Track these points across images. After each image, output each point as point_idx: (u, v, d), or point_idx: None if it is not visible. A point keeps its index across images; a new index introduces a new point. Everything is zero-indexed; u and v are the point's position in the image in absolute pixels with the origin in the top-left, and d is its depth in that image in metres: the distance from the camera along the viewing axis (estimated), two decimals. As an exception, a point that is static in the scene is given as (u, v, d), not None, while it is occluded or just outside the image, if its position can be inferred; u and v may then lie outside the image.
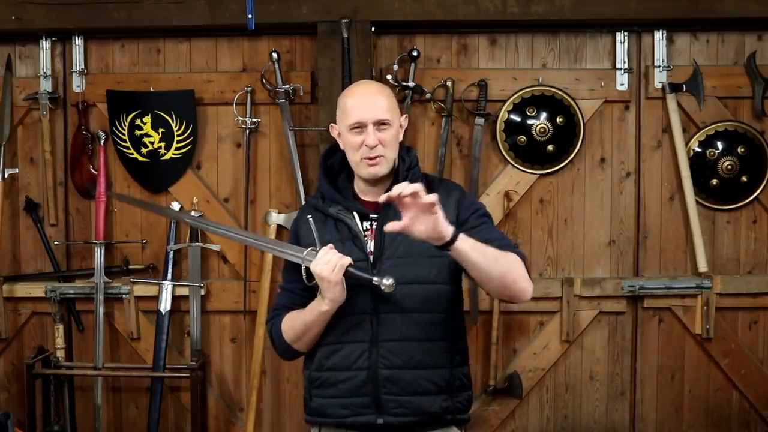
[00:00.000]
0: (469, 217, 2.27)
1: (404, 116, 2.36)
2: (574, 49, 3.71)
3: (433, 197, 1.96)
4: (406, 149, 2.38)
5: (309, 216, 2.25)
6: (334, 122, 2.36)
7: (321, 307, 2.19)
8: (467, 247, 2.04)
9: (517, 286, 2.20)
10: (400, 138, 2.32)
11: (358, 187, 2.35)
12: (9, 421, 3.40)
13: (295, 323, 2.28)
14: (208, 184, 3.78)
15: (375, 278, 2.12)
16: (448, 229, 2.00)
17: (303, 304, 2.28)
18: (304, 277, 2.22)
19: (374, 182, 2.29)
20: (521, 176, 3.70)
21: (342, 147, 2.33)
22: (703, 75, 3.63)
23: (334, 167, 2.39)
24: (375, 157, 2.24)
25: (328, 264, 2.13)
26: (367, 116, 2.24)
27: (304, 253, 2.21)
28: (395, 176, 2.31)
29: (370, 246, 2.25)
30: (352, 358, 2.22)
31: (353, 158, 2.28)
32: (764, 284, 3.69)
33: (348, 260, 2.14)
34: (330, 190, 2.34)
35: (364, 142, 2.23)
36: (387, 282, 2.09)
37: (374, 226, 2.27)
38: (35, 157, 3.81)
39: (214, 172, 3.80)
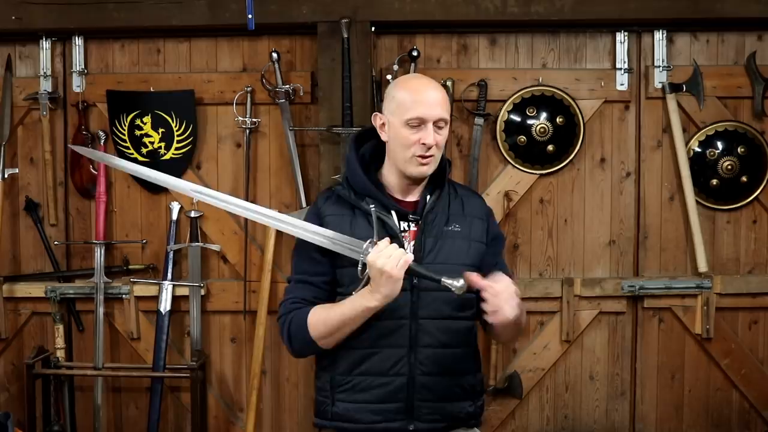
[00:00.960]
0: (493, 242, 2.33)
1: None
2: (574, 49, 3.71)
3: (502, 283, 2.07)
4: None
5: (372, 206, 2.17)
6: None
7: (369, 302, 2.08)
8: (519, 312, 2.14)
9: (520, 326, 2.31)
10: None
11: (390, 182, 2.28)
12: (9, 421, 3.40)
13: (330, 318, 2.15)
14: (208, 184, 3.78)
15: (445, 278, 2.04)
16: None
17: (327, 298, 2.21)
18: (359, 268, 2.10)
19: (418, 180, 2.27)
20: (521, 176, 3.70)
21: (384, 138, 2.25)
22: (703, 75, 3.63)
23: (365, 158, 2.31)
24: (428, 157, 2.19)
25: (390, 258, 2.03)
26: (429, 113, 2.17)
27: (364, 246, 2.10)
28: (435, 177, 2.30)
29: (409, 248, 2.19)
30: (389, 363, 2.17)
31: (402, 154, 2.20)
32: (764, 284, 3.69)
33: (411, 256, 2.06)
34: (366, 183, 2.25)
35: (422, 140, 2.17)
36: (458, 284, 2.03)
37: (412, 228, 2.23)
38: (35, 157, 3.81)
39: (214, 172, 3.80)
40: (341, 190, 2.27)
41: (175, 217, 3.75)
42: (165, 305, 3.70)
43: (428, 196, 2.27)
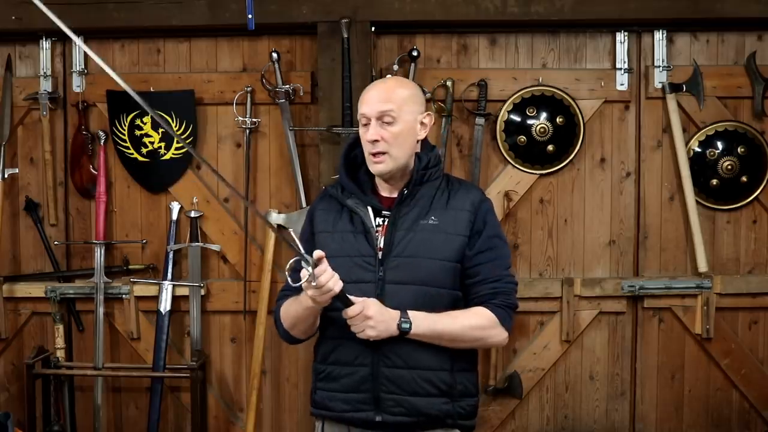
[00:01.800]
0: (481, 233, 2.25)
1: (426, 114, 2.31)
2: (574, 49, 3.71)
3: (353, 309, 2.09)
4: (428, 147, 2.34)
5: (290, 230, 2.17)
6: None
7: (307, 302, 2.16)
8: (424, 331, 2.16)
9: (486, 345, 2.36)
10: (420, 136, 2.29)
11: (377, 180, 2.33)
12: (9, 421, 3.40)
13: (290, 311, 2.29)
14: (208, 184, 3.78)
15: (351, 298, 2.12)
16: (393, 328, 2.13)
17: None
18: (295, 273, 2.10)
19: (388, 178, 2.28)
20: (521, 176, 3.70)
21: None
22: (703, 75, 3.63)
23: (358, 158, 2.35)
24: (377, 154, 2.22)
25: (319, 290, 2.06)
26: (368, 110, 2.23)
27: (306, 258, 2.04)
28: (412, 174, 2.28)
29: (380, 242, 2.23)
30: (354, 354, 2.21)
31: (365, 154, 2.27)
32: (764, 284, 3.69)
33: (340, 286, 2.07)
34: (348, 181, 2.32)
35: (366, 137, 2.23)
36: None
37: (386, 222, 2.26)
38: (35, 157, 3.81)
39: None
40: (332, 188, 2.37)
41: (175, 217, 3.75)
42: (165, 305, 3.70)
43: (405, 191, 2.27)
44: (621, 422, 3.77)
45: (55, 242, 3.79)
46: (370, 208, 2.27)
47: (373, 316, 2.11)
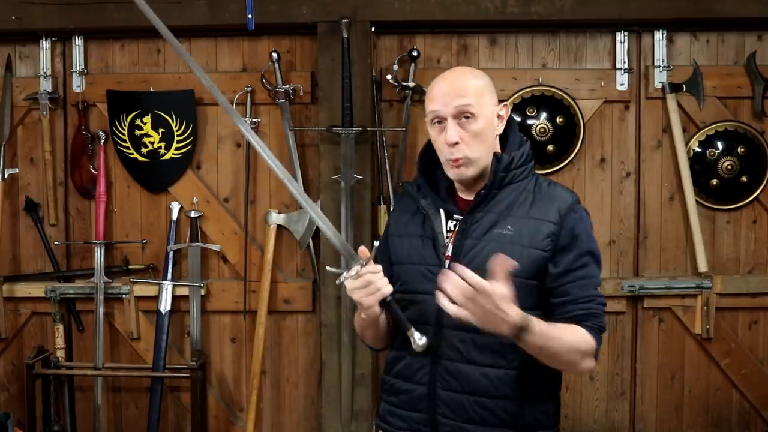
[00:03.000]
0: (568, 249, 1.95)
1: (503, 105, 2.06)
2: (574, 49, 3.71)
3: (482, 285, 1.71)
4: (516, 143, 2.07)
5: (376, 243, 1.99)
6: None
7: (360, 314, 2.00)
8: (535, 342, 1.83)
9: (574, 371, 2.00)
10: (498, 130, 2.03)
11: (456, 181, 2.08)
12: (9, 421, 3.40)
13: (357, 320, 2.11)
14: (208, 184, 3.79)
15: (412, 329, 1.88)
16: (508, 325, 1.77)
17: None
18: (337, 281, 1.97)
19: (468, 182, 2.02)
20: (521, 176, 3.70)
21: None
22: (703, 75, 3.63)
23: (437, 156, 2.08)
24: (458, 158, 1.96)
25: (362, 290, 1.90)
26: (443, 108, 1.96)
27: (353, 263, 1.91)
28: (497, 171, 2.01)
29: (449, 250, 2.00)
30: (413, 369, 2.03)
31: (440, 157, 2.02)
32: (764, 284, 3.69)
33: (389, 290, 1.90)
34: (423, 182, 2.09)
35: (445, 140, 1.96)
36: (420, 342, 1.86)
37: (456, 228, 2.01)
38: (35, 157, 3.81)
39: (214, 172, 3.80)
40: (409, 186, 2.14)
41: (175, 217, 3.75)
42: (165, 305, 3.70)
43: (481, 194, 2.01)
44: (621, 422, 3.77)
45: (55, 242, 3.79)
46: (442, 211, 2.04)
47: (507, 311, 1.75)
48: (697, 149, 3.68)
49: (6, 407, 3.73)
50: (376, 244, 2.12)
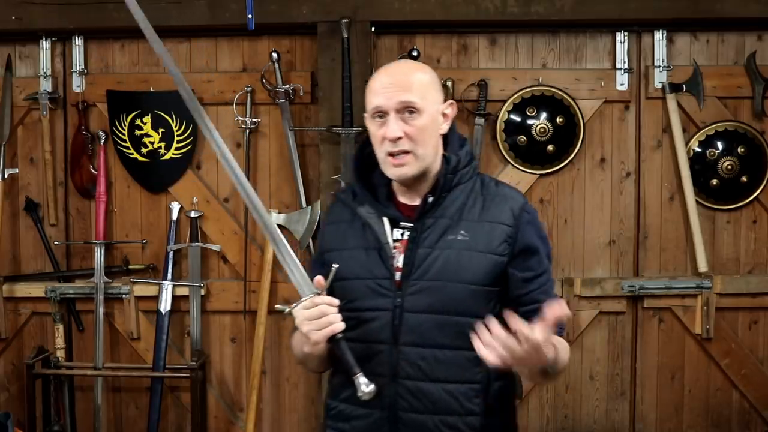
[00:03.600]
0: (529, 252, 1.88)
1: (449, 103, 1.95)
2: (574, 49, 3.71)
3: (536, 337, 1.61)
4: (458, 143, 1.96)
5: (335, 266, 1.80)
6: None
7: (303, 347, 1.84)
8: (557, 371, 1.80)
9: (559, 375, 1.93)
10: (444, 129, 1.92)
11: (395, 185, 1.93)
12: (9, 421, 3.40)
13: (296, 347, 1.95)
14: (208, 184, 3.78)
15: (359, 375, 1.76)
16: (542, 363, 1.68)
17: None
18: (286, 309, 1.84)
19: (408, 183, 1.89)
20: (521, 176, 3.70)
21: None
22: (703, 75, 3.63)
23: (372, 158, 1.93)
24: (398, 154, 1.83)
25: (312, 323, 1.76)
26: (386, 102, 1.82)
27: (305, 294, 1.80)
28: (439, 178, 1.89)
29: (399, 261, 1.85)
30: None
31: (378, 154, 1.87)
32: (764, 284, 3.69)
33: (340, 327, 1.76)
34: (360, 187, 1.94)
35: (385, 134, 1.82)
36: (367, 389, 1.75)
37: (406, 236, 1.86)
38: (35, 157, 3.81)
39: (214, 172, 3.80)
40: (342, 194, 2.01)
41: (175, 217, 3.75)
42: (165, 305, 3.70)
43: (430, 198, 1.88)
44: (621, 422, 3.77)
45: (55, 242, 3.79)
46: (386, 219, 1.88)
47: (547, 353, 1.66)
48: (697, 149, 3.68)
49: (6, 407, 3.73)
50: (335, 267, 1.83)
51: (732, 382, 3.73)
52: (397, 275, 1.84)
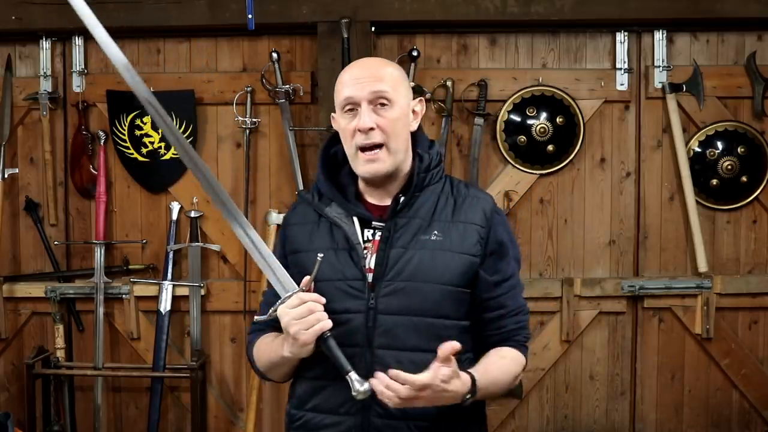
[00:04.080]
0: (499, 254, 1.87)
1: (418, 100, 1.91)
2: (574, 49, 3.71)
3: (422, 381, 1.63)
4: (426, 143, 1.92)
5: (320, 255, 1.75)
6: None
7: (284, 352, 1.77)
8: (483, 395, 1.77)
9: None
10: (413, 127, 1.87)
11: (361, 184, 1.89)
12: (9, 421, 3.40)
13: (263, 356, 1.89)
14: (208, 184, 3.78)
15: (352, 373, 1.69)
16: (456, 398, 1.70)
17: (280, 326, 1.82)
18: (270, 311, 1.78)
19: (379, 182, 1.85)
20: (521, 176, 3.70)
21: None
22: (703, 75, 3.63)
23: (338, 157, 1.93)
24: (372, 148, 1.79)
25: (300, 321, 1.70)
26: (358, 92, 1.79)
27: (289, 293, 1.75)
28: (410, 177, 1.86)
29: (370, 262, 1.81)
30: (339, 400, 1.79)
31: (349, 150, 1.84)
32: (764, 284, 3.69)
33: (328, 324, 1.71)
34: (328, 186, 1.89)
35: (357, 125, 1.78)
36: (361, 388, 1.68)
37: (377, 237, 1.83)
38: (35, 157, 3.81)
39: (214, 172, 3.72)
40: (306, 194, 1.94)
41: (175, 217, 3.76)
42: (165, 305, 3.70)
43: (401, 198, 1.84)
44: (621, 422, 3.77)
45: (55, 242, 3.79)
46: (356, 219, 1.85)
47: (452, 390, 1.67)
48: (697, 149, 3.68)
49: (6, 407, 3.73)
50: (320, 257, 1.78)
51: (732, 382, 3.73)
52: (369, 276, 1.80)
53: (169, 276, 3.72)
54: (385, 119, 1.79)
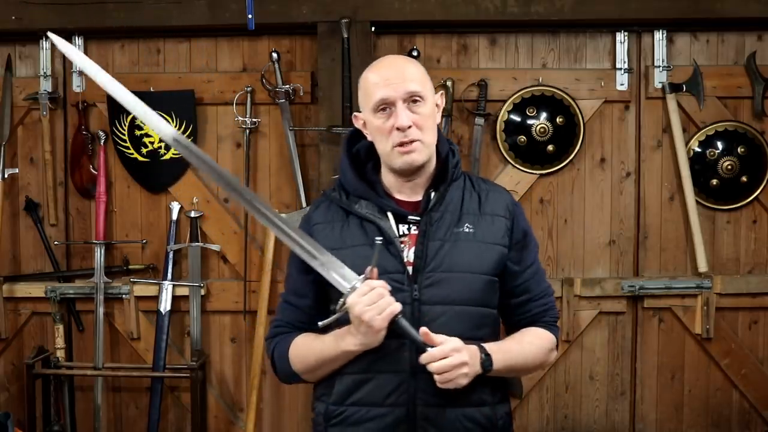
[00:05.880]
0: (522, 243, 1.95)
1: (440, 93, 1.97)
2: (574, 49, 3.71)
3: (444, 352, 1.74)
4: (445, 140, 1.99)
5: (378, 240, 1.82)
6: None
7: (347, 346, 1.81)
8: (502, 366, 1.84)
9: (542, 368, 2.04)
10: (438, 120, 1.93)
11: (389, 181, 1.93)
12: (9, 421, 3.40)
13: (308, 355, 1.90)
14: (208, 184, 3.78)
15: (430, 349, 1.75)
16: (478, 367, 1.79)
17: (310, 323, 1.90)
18: (337, 306, 1.80)
19: (410, 174, 1.90)
20: (521, 176, 3.70)
21: (369, 138, 1.93)
22: (703, 75, 3.63)
23: (360, 155, 1.98)
24: (410, 142, 1.84)
25: (372, 307, 1.73)
26: (393, 93, 1.84)
27: (353, 282, 1.77)
28: (440, 171, 1.92)
29: (409, 255, 1.86)
30: (386, 391, 1.83)
31: (384, 148, 1.88)
32: (764, 284, 3.69)
33: (398, 306, 1.75)
34: (358, 184, 1.92)
35: (395, 124, 1.83)
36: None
37: (413, 231, 1.88)
38: (35, 157, 3.81)
39: (213, 172, 3.79)
40: (332, 193, 1.97)
41: (175, 217, 3.76)
42: (165, 305, 3.70)
43: (432, 193, 1.91)
44: (621, 422, 3.77)
45: (55, 242, 3.79)
46: (390, 215, 1.89)
47: (469, 361, 1.76)
48: (697, 149, 3.69)
49: (6, 407, 3.73)
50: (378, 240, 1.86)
51: (732, 382, 3.73)
52: (409, 269, 1.85)
53: (169, 276, 3.72)
54: (419, 116, 1.86)
